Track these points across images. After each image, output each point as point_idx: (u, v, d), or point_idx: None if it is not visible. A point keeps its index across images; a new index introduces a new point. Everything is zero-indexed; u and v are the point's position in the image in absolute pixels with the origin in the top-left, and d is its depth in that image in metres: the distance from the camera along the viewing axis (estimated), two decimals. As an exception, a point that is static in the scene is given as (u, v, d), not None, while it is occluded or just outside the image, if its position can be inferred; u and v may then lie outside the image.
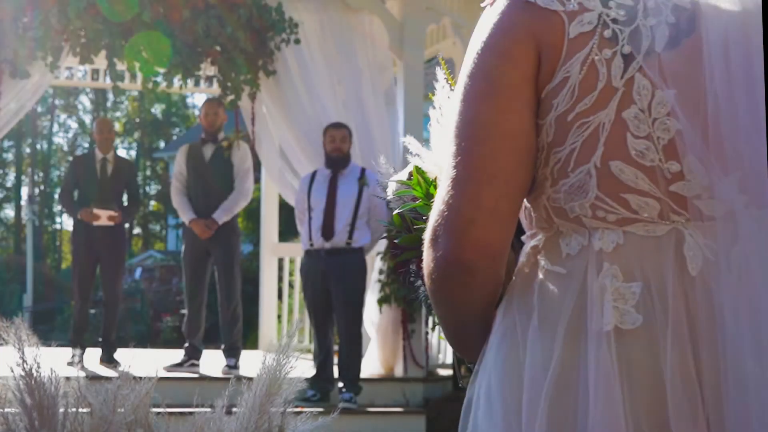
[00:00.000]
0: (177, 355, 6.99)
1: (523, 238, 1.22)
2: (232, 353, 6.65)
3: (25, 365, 1.33)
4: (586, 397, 1.04)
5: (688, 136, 1.05)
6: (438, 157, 1.29)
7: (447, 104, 1.31)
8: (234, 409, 1.47)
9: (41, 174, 33.11)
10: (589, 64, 1.09)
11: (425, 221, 1.18)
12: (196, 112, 25.86)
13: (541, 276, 1.14)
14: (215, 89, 7.75)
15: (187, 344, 6.84)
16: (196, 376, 6.45)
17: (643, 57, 1.08)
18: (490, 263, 1.12)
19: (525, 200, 1.17)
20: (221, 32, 6.31)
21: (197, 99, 30.63)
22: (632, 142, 1.08)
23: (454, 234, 1.11)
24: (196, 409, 1.40)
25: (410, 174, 1.40)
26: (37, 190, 31.71)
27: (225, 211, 6.64)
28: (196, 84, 7.79)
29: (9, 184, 33.69)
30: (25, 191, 32.35)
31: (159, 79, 6.50)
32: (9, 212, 33.84)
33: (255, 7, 6.40)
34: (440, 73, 1.37)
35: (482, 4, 1.18)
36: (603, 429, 1.00)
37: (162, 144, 32.74)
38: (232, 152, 6.80)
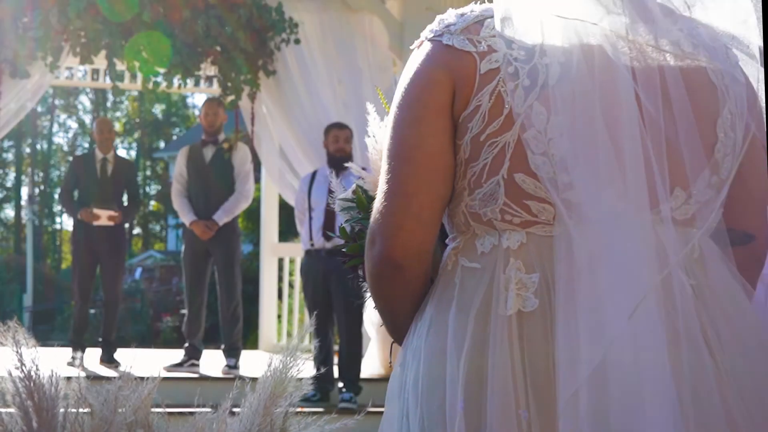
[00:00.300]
0: (177, 355, 6.99)
1: (447, 241, 1.45)
2: (232, 353, 6.65)
3: (23, 367, 1.32)
4: (494, 375, 1.28)
5: (575, 153, 1.27)
6: (376, 178, 1.52)
7: (380, 131, 1.61)
8: (236, 410, 1.47)
9: (41, 174, 33.11)
10: (496, 95, 1.33)
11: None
12: (196, 112, 25.88)
13: (460, 272, 1.38)
14: (215, 89, 7.75)
15: (187, 344, 6.84)
16: (196, 376, 6.45)
17: (539, 89, 1.30)
18: (417, 262, 1.38)
19: (447, 208, 1.40)
20: (221, 32, 6.31)
21: (197, 99, 30.63)
22: (532, 157, 1.31)
23: (386, 237, 1.36)
24: (197, 409, 1.40)
25: (354, 192, 1.70)
26: (37, 190, 31.72)
27: (225, 212, 6.64)
28: (196, 84, 7.79)
29: (9, 184, 33.70)
30: (25, 191, 32.34)
31: (159, 79, 6.50)
32: (9, 212, 33.83)
33: (255, 7, 6.40)
34: (371, 107, 1.67)
35: (411, 47, 1.44)
36: (498, 389, 1.27)
37: (162, 144, 32.75)
38: (232, 154, 6.80)
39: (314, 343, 6.29)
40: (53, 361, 1.41)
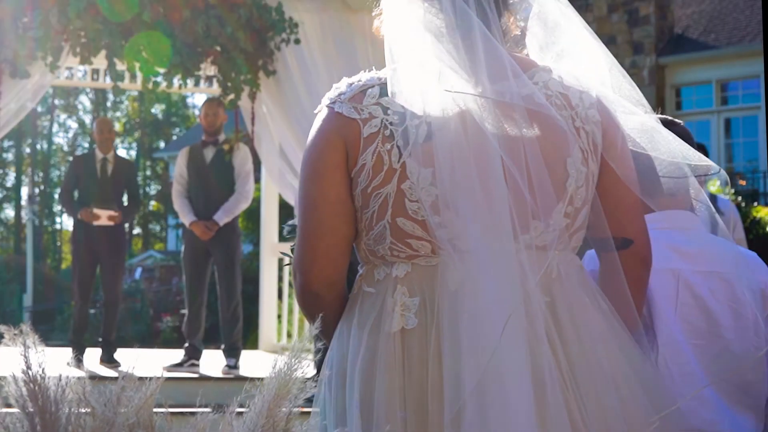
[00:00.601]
0: (177, 355, 6.99)
1: (358, 268, 1.73)
2: (232, 353, 6.65)
3: (29, 371, 1.32)
4: (384, 376, 1.56)
5: (445, 198, 1.52)
6: None
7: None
8: (236, 410, 1.47)
9: (41, 174, 33.11)
10: (377, 154, 1.58)
11: None
12: (196, 112, 25.89)
13: (361, 295, 1.68)
14: (215, 89, 7.75)
15: (187, 344, 6.84)
16: (196, 376, 6.45)
17: (411, 147, 1.55)
18: (329, 290, 1.70)
19: (354, 244, 1.68)
20: (221, 32, 6.30)
21: (197, 99, 30.63)
22: (409, 204, 1.57)
23: (303, 273, 1.68)
24: (198, 410, 1.40)
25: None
26: (37, 190, 31.71)
27: (226, 212, 6.64)
28: (196, 84, 7.79)
29: (9, 184, 33.69)
30: (25, 191, 32.35)
31: (159, 79, 6.50)
32: (9, 212, 33.83)
33: (255, 7, 6.40)
34: None
35: (315, 111, 1.75)
36: (383, 393, 1.54)
37: (162, 144, 32.75)
38: (232, 154, 6.80)
39: (315, 345, 6.31)
40: (54, 362, 1.41)
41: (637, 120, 1.74)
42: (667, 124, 1.96)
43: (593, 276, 1.72)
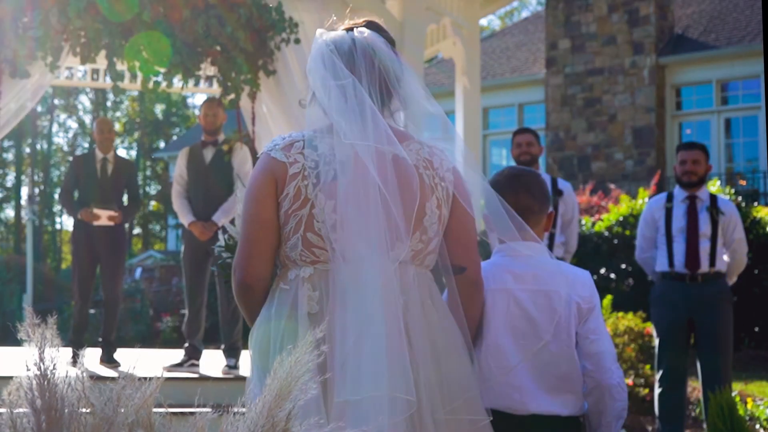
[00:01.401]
0: (177, 355, 6.99)
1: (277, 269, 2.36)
2: (232, 353, 6.64)
3: (42, 366, 1.33)
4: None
5: (341, 221, 2.18)
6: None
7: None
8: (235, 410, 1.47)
9: (41, 174, 33.10)
10: (297, 187, 2.25)
11: None
12: (196, 112, 25.85)
13: (279, 291, 2.30)
14: (215, 89, 7.74)
15: (187, 344, 6.83)
16: (196, 376, 6.44)
17: (321, 185, 2.22)
18: (259, 284, 2.33)
19: (277, 251, 2.31)
20: (221, 32, 6.29)
21: (197, 99, 30.60)
22: (316, 224, 2.23)
23: (241, 270, 2.31)
24: (198, 410, 1.40)
25: (226, 239, 2.64)
26: (37, 190, 31.69)
27: (224, 212, 6.64)
28: (196, 84, 7.79)
29: (9, 184, 33.67)
30: (25, 191, 32.34)
31: (159, 78, 6.50)
32: (9, 212, 33.81)
33: (255, 7, 6.39)
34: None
35: (258, 155, 2.36)
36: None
37: (162, 144, 32.74)
38: (232, 155, 6.80)
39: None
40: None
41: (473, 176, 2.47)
42: (519, 173, 2.76)
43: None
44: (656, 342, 5.83)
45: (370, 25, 2.64)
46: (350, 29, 2.64)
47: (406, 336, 2.18)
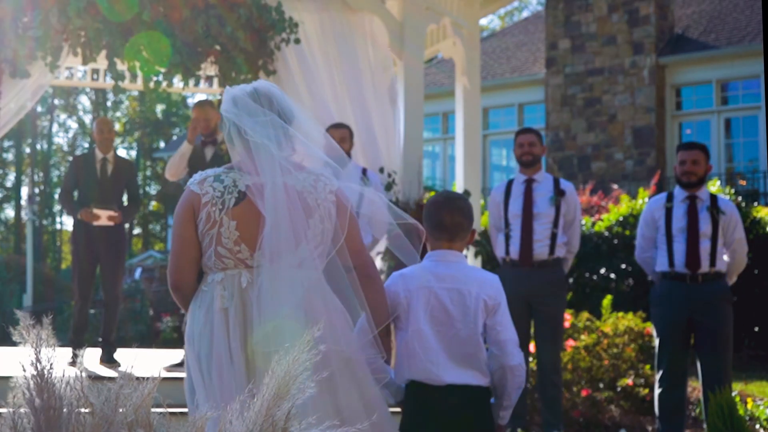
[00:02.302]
0: (177, 355, 6.98)
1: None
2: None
3: (38, 365, 1.33)
4: (213, 337, 2.86)
5: (242, 237, 2.85)
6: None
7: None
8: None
9: (41, 174, 33.09)
10: (207, 212, 2.87)
11: None
12: (196, 112, 25.80)
13: (200, 292, 2.96)
14: (215, 89, 7.74)
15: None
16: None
17: (225, 210, 2.86)
18: (186, 287, 2.99)
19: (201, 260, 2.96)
20: (221, 32, 6.29)
21: (197, 99, 30.57)
22: (224, 240, 2.87)
23: (171, 276, 2.98)
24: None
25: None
26: (37, 190, 31.69)
27: None
28: (197, 84, 7.79)
29: (9, 184, 33.67)
30: (25, 191, 32.33)
31: (159, 78, 6.49)
32: (9, 212, 33.80)
33: (255, 7, 6.39)
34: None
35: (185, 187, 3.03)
36: (217, 345, 2.85)
37: (162, 144, 32.73)
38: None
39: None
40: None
41: (365, 195, 3.14)
42: (455, 196, 3.52)
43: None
44: (656, 342, 5.83)
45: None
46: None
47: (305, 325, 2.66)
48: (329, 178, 2.98)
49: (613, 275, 9.76)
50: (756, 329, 9.39)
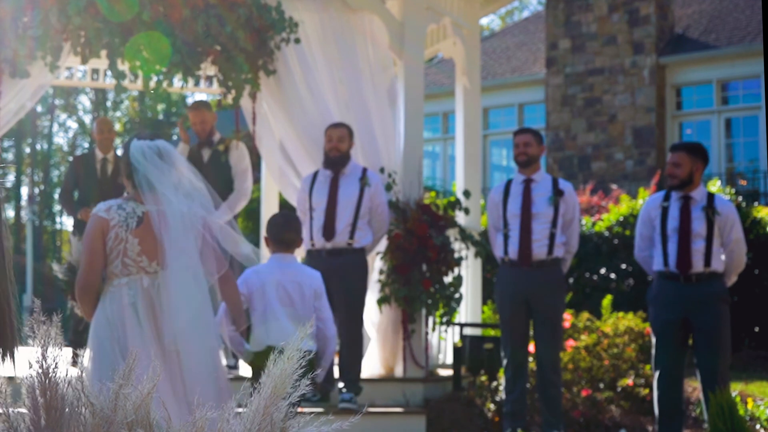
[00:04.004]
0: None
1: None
2: (232, 353, 6.64)
3: (44, 363, 1.33)
4: (126, 327, 3.82)
5: (143, 250, 3.82)
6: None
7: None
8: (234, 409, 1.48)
9: (41, 174, 33.08)
10: (116, 232, 3.81)
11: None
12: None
13: (108, 292, 3.86)
14: (215, 89, 7.74)
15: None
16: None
17: (128, 230, 3.80)
18: (93, 289, 3.88)
19: (106, 269, 3.87)
20: (221, 32, 6.29)
21: (199, 98, 30.53)
22: (129, 253, 3.82)
23: (83, 279, 3.89)
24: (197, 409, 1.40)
25: (68, 267, 4.48)
26: (37, 190, 31.68)
27: (229, 208, 6.63)
28: (197, 84, 7.79)
29: (9, 184, 33.66)
30: (25, 191, 32.33)
31: (160, 78, 6.49)
32: (9, 212, 33.78)
33: (255, 7, 6.39)
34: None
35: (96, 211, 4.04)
36: (131, 333, 3.80)
37: (162, 144, 32.68)
38: (228, 154, 6.82)
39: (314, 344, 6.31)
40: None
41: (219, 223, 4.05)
42: (290, 217, 5.00)
43: None
44: (653, 341, 5.83)
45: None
46: (154, 137, 3.99)
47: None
48: (198, 209, 3.93)
49: (613, 275, 9.76)
50: (756, 329, 9.39)
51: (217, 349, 3.99)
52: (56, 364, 1.36)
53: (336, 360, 6.43)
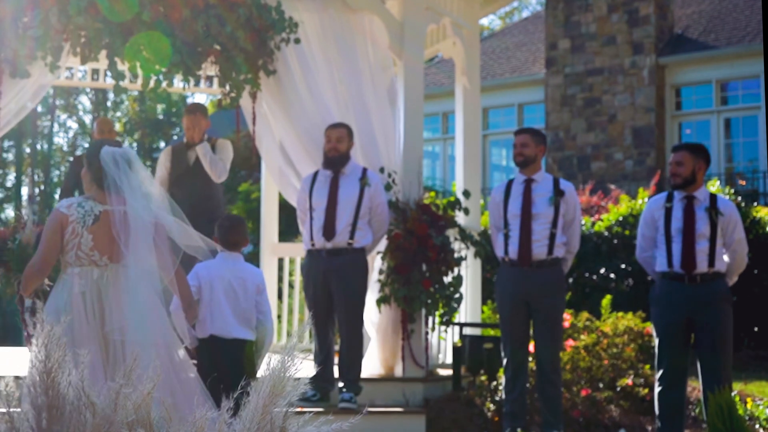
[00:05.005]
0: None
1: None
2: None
3: (47, 363, 1.34)
4: (74, 313, 4.01)
5: (95, 245, 4.13)
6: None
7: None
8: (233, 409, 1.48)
9: (41, 174, 33.08)
10: (73, 227, 4.08)
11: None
12: (196, 112, 25.74)
13: (60, 279, 4.16)
14: (215, 89, 7.74)
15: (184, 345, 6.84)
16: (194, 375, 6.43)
17: (84, 227, 4.09)
18: (46, 272, 4.21)
19: (61, 258, 4.16)
20: (221, 32, 6.29)
21: (197, 99, 30.58)
22: (82, 246, 4.09)
23: (40, 263, 4.15)
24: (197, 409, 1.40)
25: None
26: (37, 190, 31.68)
27: (211, 160, 6.81)
28: (197, 84, 7.79)
29: (9, 184, 33.67)
30: (25, 191, 32.32)
31: (160, 78, 6.49)
32: (9, 212, 33.76)
33: (255, 7, 6.39)
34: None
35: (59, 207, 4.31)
36: (77, 320, 4.01)
37: (162, 144, 32.72)
38: (214, 150, 6.90)
39: (314, 344, 6.31)
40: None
41: (174, 222, 4.22)
42: (238, 221, 5.34)
43: None
44: (656, 342, 5.83)
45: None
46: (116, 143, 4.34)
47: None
48: (150, 209, 4.19)
49: (612, 275, 9.76)
50: (756, 329, 9.39)
51: (174, 344, 4.19)
52: (58, 364, 1.36)
53: (336, 360, 6.44)
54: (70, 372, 1.34)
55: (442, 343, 7.44)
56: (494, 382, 6.74)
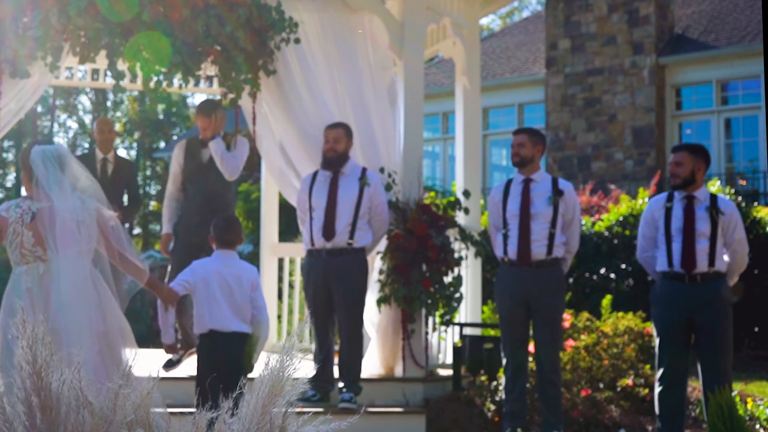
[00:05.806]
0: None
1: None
2: (177, 347, 6.62)
3: (35, 364, 1.33)
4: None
5: (37, 242, 4.34)
6: None
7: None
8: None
9: (41, 174, 33.00)
10: (13, 228, 4.34)
11: None
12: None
13: (13, 278, 4.39)
14: (215, 89, 7.74)
15: (180, 336, 6.82)
16: (194, 375, 6.42)
17: (24, 224, 4.37)
18: None
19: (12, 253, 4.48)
20: (221, 32, 6.29)
21: (197, 99, 30.55)
22: (25, 243, 4.35)
23: None
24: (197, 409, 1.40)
25: None
26: (37, 190, 31.61)
27: (222, 154, 6.67)
28: (197, 84, 7.78)
29: (9, 184, 33.67)
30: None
31: (160, 78, 6.48)
32: (9, 212, 33.70)
33: (255, 7, 6.39)
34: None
35: None
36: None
37: (162, 144, 32.72)
38: (230, 147, 6.79)
39: (314, 344, 6.30)
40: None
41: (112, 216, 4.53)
42: (232, 220, 5.64)
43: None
44: (656, 341, 5.83)
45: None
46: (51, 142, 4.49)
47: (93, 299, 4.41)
48: (92, 202, 4.44)
49: (613, 275, 9.76)
50: (756, 329, 9.39)
51: (112, 332, 4.58)
52: (47, 364, 1.36)
53: (336, 360, 6.44)
54: (63, 372, 1.34)
55: (442, 343, 7.43)
56: (494, 382, 6.74)
